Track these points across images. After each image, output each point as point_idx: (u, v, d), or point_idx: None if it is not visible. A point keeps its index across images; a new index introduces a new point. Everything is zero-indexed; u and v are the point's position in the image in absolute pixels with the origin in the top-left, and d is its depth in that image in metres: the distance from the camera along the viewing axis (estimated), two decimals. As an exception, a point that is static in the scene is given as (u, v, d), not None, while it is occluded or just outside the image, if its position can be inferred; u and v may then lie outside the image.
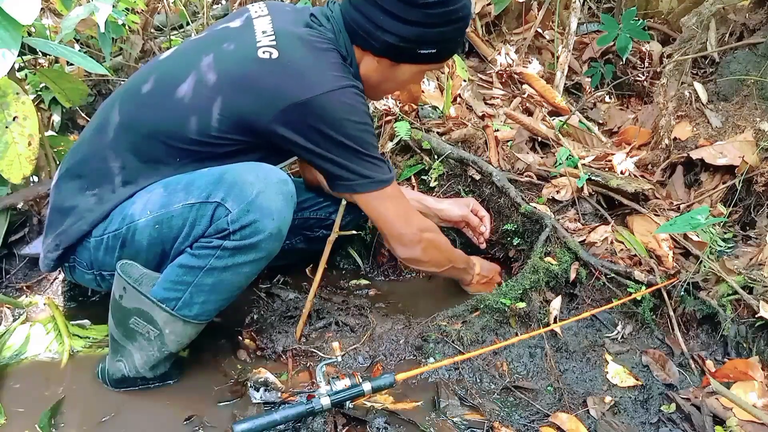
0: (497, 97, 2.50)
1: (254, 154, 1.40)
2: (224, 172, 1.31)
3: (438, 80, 2.48)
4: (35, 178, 1.88)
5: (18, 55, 1.43)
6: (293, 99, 1.30)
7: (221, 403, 1.41)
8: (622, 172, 1.99)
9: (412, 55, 1.41)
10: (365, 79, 1.46)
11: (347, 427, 1.33)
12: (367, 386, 1.30)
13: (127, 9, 2.51)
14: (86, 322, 1.64)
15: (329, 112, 1.33)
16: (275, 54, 1.32)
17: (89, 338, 1.58)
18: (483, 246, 1.93)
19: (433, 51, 1.40)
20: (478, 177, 2.02)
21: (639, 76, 2.74)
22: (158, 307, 1.33)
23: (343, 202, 1.52)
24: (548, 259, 1.77)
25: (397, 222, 1.53)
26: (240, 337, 1.62)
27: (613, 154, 2.07)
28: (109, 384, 1.43)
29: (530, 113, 2.39)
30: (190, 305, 1.34)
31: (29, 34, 2.24)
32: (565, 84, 2.53)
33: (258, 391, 1.41)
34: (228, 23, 1.48)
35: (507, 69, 2.60)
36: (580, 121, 2.38)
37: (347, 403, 1.31)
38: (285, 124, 1.33)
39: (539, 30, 2.78)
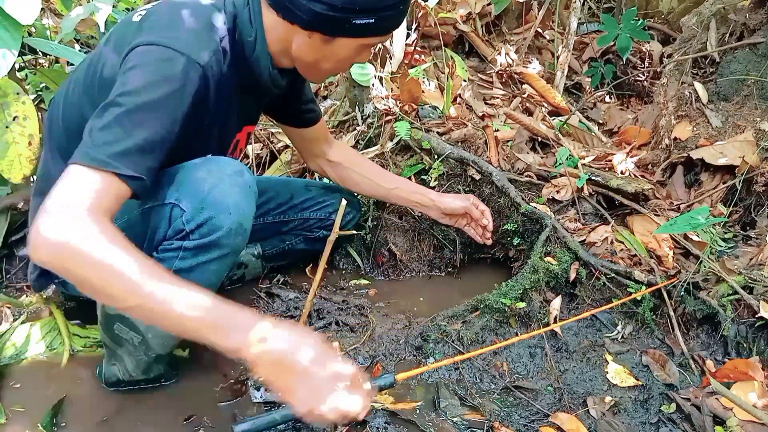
0: (497, 97, 2.50)
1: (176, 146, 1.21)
2: (177, 171, 1.25)
3: (438, 80, 2.48)
4: (35, 178, 1.88)
5: (18, 55, 1.43)
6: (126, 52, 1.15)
7: (221, 403, 1.41)
8: (622, 172, 1.99)
9: (347, 27, 1.22)
10: (299, 59, 1.31)
11: (347, 427, 1.33)
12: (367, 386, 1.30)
13: (127, 9, 2.51)
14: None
15: (132, 59, 1.12)
16: (144, 13, 1.23)
17: (89, 338, 1.58)
18: (489, 242, 1.92)
19: (371, 21, 1.21)
20: (478, 177, 2.02)
21: (639, 76, 2.74)
22: None
23: (343, 202, 1.51)
24: (548, 259, 1.77)
25: (58, 198, 0.99)
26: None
27: (613, 154, 2.08)
28: (106, 386, 1.43)
29: (530, 113, 2.39)
30: None
31: (29, 34, 2.24)
32: (565, 84, 2.54)
33: (258, 390, 1.42)
34: None
35: (507, 69, 2.60)
36: (580, 121, 2.38)
37: None
38: None
39: (539, 30, 2.79)
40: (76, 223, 0.97)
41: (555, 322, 1.66)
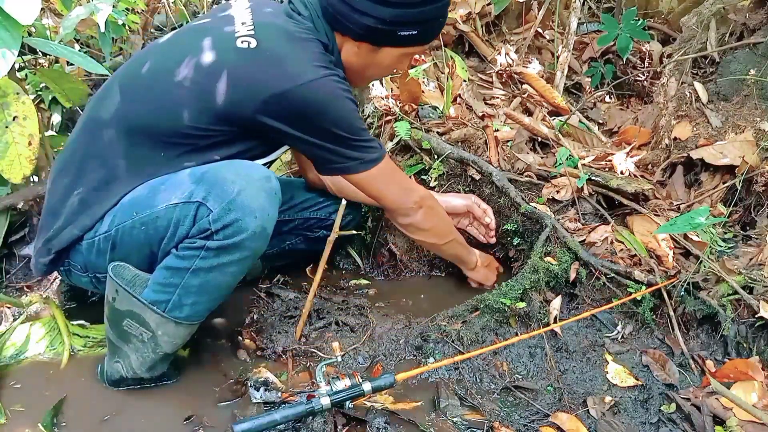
0: (497, 97, 2.50)
1: (242, 143, 1.39)
2: (206, 171, 1.28)
3: (438, 80, 2.48)
4: (35, 178, 1.88)
5: (18, 55, 1.43)
6: (273, 90, 1.29)
7: (221, 403, 1.41)
8: (622, 172, 1.99)
9: (393, 38, 1.37)
10: (347, 66, 1.45)
11: (347, 427, 1.33)
12: (367, 386, 1.30)
13: (127, 9, 2.51)
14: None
15: (312, 103, 1.31)
16: (253, 43, 1.30)
17: (89, 338, 1.58)
18: (492, 240, 1.93)
19: (415, 32, 1.37)
20: (478, 177, 2.02)
21: (639, 76, 2.74)
22: (149, 310, 1.32)
23: (343, 203, 1.52)
24: (548, 258, 1.77)
25: (395, 196, 1.57)
26: (240, 337, 1.62)
27: (613, 154, 2.07)
28: (108, 384, 1.43)
29: (530, 113, 2.39)
30: (180, 307, 1.33)
31: (29, 34, 2.24)
32: (565, 84, 2.53)
33: (258, 390, 1.41)
34: (209, 17, 1.46)
35: (507, 69, 2.60)
36: (580, 121, 2.38)
37: (347, 403, 1.31)
38: (268, 114, 1.32)
39: (539, 30, 2.78)
40: (424, 209, 1.62)
41: (555, 322, 1.66)
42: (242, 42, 1.30)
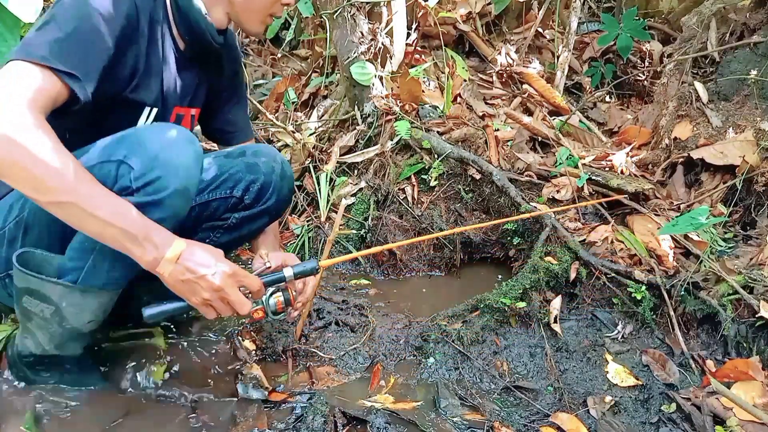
0: (497, 97, 2.50)
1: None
2: (125, 133, 1.22)
3: (438, 80, 2.48)
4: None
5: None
6: None
7: (221, 403, 1.41)
8: (622, 172, 1.99)
9: None
10: (233, 4, 1.36)
11: (347, 427, 1.33)
12: (288, 272, 1.29)
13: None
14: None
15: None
16: None
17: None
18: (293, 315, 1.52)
19: None
20: (478, 176, 2.02)
21: (639, 76, 2.74)
22: (50, 283, 1.23)
23: (344, 202, 1.51)
24: (548, 258, 1.77)
25: None
26: (240, 337, 1.62)
27: (613, 154, 2.08)
28: (18, 360, 1.37)
29: (530, 113, 2.39)
30: (95, 273, 1.24)
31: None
32: (566, 84, 2.54)
33: (258, 390, 1.41)
34: None
35: (507, 69, 2.60)
36: (580, 121, 2.38)
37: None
38: None
39: (539, 29, 2.78)
40: (15, 115, 1.02)
41: (555, 321, 1.66)
42: None
